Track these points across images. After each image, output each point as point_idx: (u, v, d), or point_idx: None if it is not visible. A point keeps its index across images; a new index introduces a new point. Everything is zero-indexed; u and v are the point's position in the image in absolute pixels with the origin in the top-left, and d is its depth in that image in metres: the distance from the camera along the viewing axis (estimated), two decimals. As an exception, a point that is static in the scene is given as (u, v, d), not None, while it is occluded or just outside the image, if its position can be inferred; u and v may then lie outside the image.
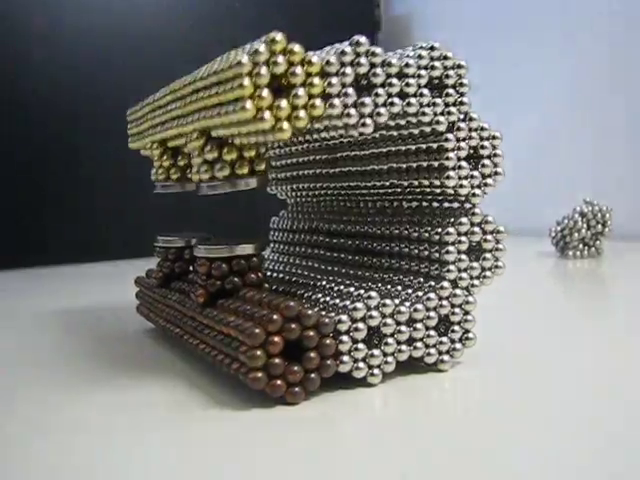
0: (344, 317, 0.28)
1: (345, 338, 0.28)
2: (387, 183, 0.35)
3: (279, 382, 0.27)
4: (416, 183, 0.33)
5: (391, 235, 0.34)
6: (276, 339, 0.27)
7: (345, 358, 0.28)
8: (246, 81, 0.26)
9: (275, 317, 0.26)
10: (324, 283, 0.33)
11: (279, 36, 0.26)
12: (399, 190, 0.35)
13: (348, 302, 0.29)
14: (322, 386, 0.28)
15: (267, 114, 0.26)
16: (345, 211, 0.40)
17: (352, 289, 0.31)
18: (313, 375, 0.27)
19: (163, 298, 0.38)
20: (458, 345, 0.31)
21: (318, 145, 0.40)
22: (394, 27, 1.20)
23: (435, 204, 0.33)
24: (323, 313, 0.29)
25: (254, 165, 0.31)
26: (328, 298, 0.31)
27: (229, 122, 0.27)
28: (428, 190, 0.33)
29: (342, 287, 0.32)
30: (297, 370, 0.27)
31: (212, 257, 0.31)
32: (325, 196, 0.43)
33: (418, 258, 0.33)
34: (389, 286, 0.32)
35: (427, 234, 0.32)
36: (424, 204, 0.33)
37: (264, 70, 0.26)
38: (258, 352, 0.26)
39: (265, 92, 0.26)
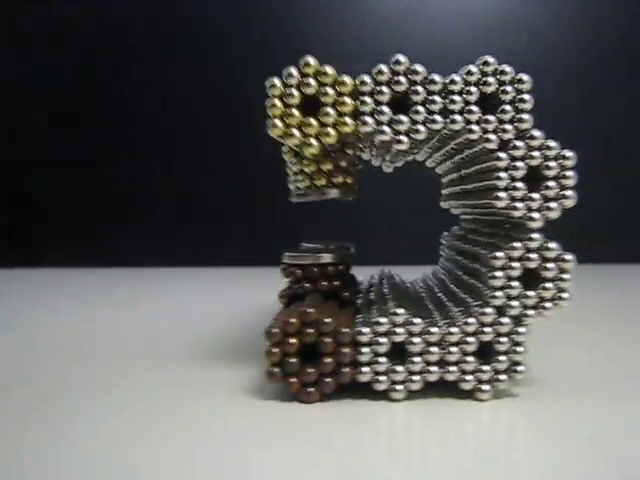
0: (365, 329, 0.29)
1: (365, 349, 0.29)
2: (474, 202, 0.34)
3: (293, 380, 0.29)
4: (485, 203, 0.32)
5: (476, 256, 0.34)
6: (292, 340, 0.29)
7: (364, 369, 0.29)
8: (277, 102, 0.29)
9: (292, 320, 0.29)
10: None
11: (312, 60, 0.29)
12: (487, 211, 0.33)
13: (376, 316, 0.30)
14: (348, 394, 0.30)
15: (296, 131, 0.29)
16: (468, 230, 0.39)
17: (390, 304, 0.31)
18: (328, 379, 0.29)
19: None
20: (502, 376, 0.29)
21: (452, 163, 0.40)
22: None
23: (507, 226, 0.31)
24: (347, 324, 0.30)
25: (332, 177, 0.34)
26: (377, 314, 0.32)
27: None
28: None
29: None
30: (311, 372, 0.29)
31: (291, 263, 0.35)
32: (464, 214, 0.42)
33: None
34: (459, 308, 0.32)
35: (486, 257, 0.30)
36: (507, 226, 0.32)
37: (295, 92, 0.29)
38: (274, 350, 0.29)
39: (294, 111, 0.29)
